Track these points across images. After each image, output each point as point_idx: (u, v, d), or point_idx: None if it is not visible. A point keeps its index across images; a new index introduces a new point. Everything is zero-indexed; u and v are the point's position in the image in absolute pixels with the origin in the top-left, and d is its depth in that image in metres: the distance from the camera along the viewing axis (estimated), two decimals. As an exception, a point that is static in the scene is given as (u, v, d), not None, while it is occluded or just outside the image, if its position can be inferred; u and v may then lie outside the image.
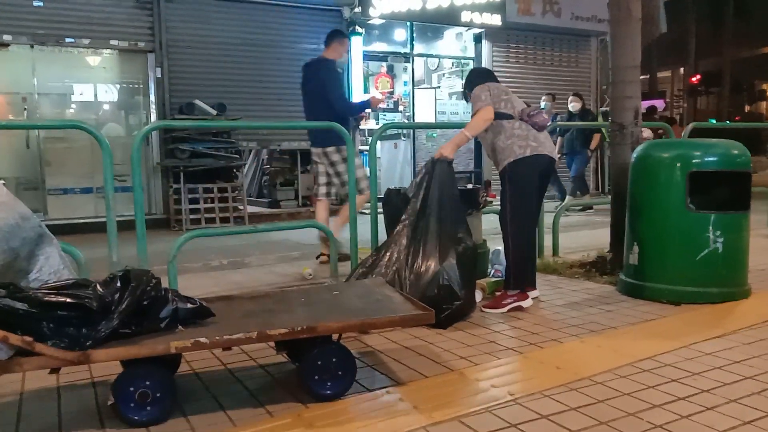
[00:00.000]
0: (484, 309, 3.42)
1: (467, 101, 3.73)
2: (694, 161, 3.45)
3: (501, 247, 3.68)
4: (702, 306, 3.40)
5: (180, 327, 2.17)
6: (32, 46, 7.90)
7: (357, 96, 9.60)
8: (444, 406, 2.15)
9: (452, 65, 11.96)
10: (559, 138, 9.17)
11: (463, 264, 3.21)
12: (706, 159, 3.46)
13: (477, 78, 3.70)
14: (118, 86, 8.72)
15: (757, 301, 3.53)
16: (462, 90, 3.71)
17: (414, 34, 10.79)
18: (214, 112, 8.37)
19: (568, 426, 1.98)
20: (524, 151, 3.38)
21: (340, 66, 5.47)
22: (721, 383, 2.33)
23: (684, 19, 20.93)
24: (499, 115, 3.44)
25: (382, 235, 3.91)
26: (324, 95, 4.98)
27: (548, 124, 3.59)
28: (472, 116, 3.50)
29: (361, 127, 10.23)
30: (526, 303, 3.42)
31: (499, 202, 3.54)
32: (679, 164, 3.46)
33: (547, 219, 5.14)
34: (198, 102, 8.39)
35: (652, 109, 12.55)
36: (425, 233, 3.27)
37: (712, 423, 1.99)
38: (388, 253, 3.33)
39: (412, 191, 3.43)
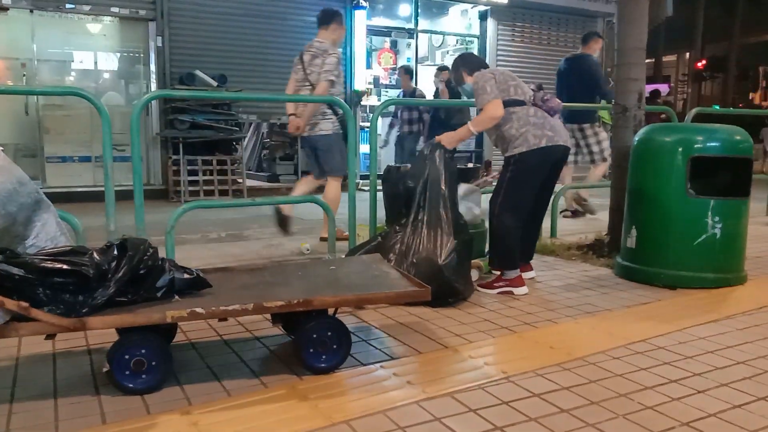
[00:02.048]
0: (478, 288, 3.43)
1: (457, 87, 3.53)
2: (696, 146, 3.43)
3: None
4: (697, 291, 3.41)
5: (176, 297, 2.18)
6: (32, 11, 7.80)
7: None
8: (437, 382, 2.16)
9: (457, 42, 11.84)
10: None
11: (462, 258, 3.17)
12: (708, 144, 3.44)
13: (471, 63, 3.47)
14: (118, 54, 8.64)
15: (753, 287, 3.54)
16: (453, 74, 3.62)
17: (419, 10, 10.68)
18: (215, 84, 8.31)
19: (560, 405, 2.00)
20: (539, 141, 3.23)
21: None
22: (713, 367, 2.34)
23: (693, 2, 20.68)
24: (509, 103, 3.27)
25: (381, 213, 3.91)
26: (587, 83, 6.13)
27: (561, 108, 3.47)
28: (477, 109, 3.33)
29: (362, 103, 10.18)
30: (519, 290, 3.36)
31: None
32: (680, 149, 3.44)
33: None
34: (198, 72, 8.32)
35: (655, 93, 12.44)
36: (426, 227, 3.18)
37: (703, 406, 2.01)
38: (391, 242, 3.24)
39: (413, 180, 3.29)
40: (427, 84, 11.19)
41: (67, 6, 7.90)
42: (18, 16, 7.79)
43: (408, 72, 8.56)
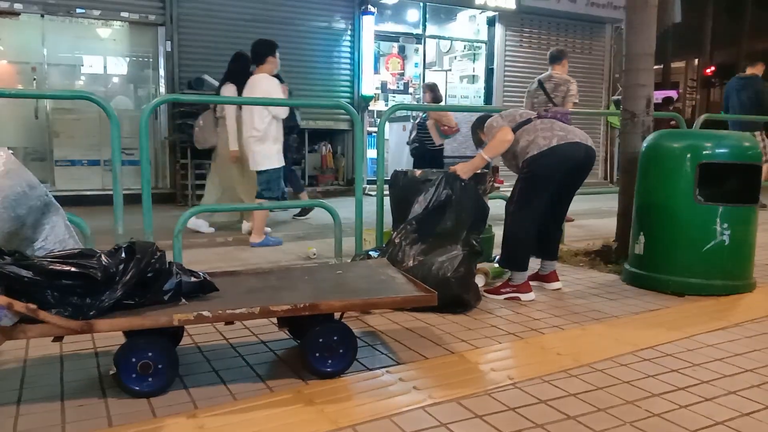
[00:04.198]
0: (484, 293, 3.42)
1: (478, 148, 3.61)
2: (704, 152, 3.41)
3: None
4: (706, 298, 3.39)
5: (183, 300, 2.19)
6: (43, 16, 7.87)
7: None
8: (443, 388, 2.16)
9: (464, 48, 11.86)
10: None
11: (469, 269, 3.16)
12: (716, 150, 3.43)
13: (484, 123, 3.55)
14: (127, 59, 8.69)
15: (762, 294, 3.51)
16: (473, 137, 3.78)
17: (427, 15, 10.69)
18: (223, 88, 8.32)
19: (567, 411, 1.99)
20: (549, 142, 3.22)
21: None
22: (721, 375, 2.32)
23: (701, 9, 20.60)
24: (517, 127, 3.33)
25: (388, 217, 3.91)
26: (755, 99, 7.42)
27: (570, 112, 3.49)
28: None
29: (370, 108, 10.20)
30: (526, 296, 3.35)
31: (504, 186, 3.49)
32: (689, 155, 3.43)
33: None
34: (207, 77, 8.35)
35: (668, 100, 12.40)
36: (438, 238, 3.17)
37: (710, 414, 1.99)
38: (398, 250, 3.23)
39: (428, 201, 3.29)
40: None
41: (78, 11, 7.97)
42: (29, 20, 7.86)
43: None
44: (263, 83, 4.95)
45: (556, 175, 3.28)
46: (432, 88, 7.51)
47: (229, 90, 5.50)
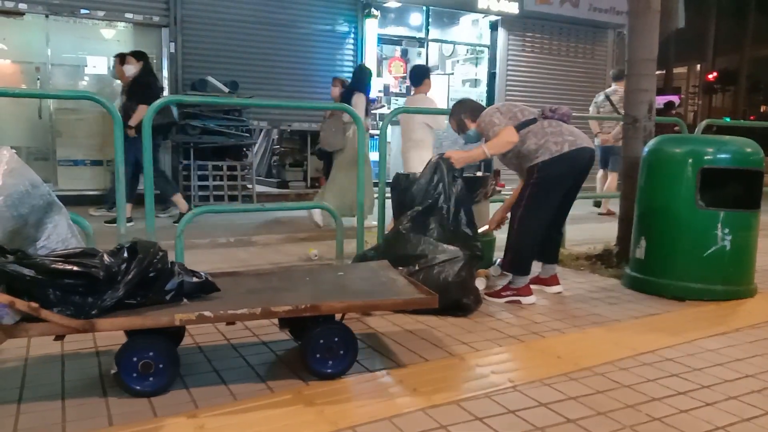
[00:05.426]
0: (485, 296, 3.42)
1: (459, 134, 3.57)
2: (706, 158, 3.42)
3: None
4: (707, 303, 3.39)
5: (185, 300, 2.19)
6: (47, 16, 7.89)
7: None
8: (443, 390, 2.16)
9: (467, 52, 11.87)
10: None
11: (470, 273, 3.15)
12: (718, 156, 3.43)
13: (474, 110, 3.49)
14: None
15: (763, 300, 3.51)
16: (452, 121, 3.60)
17: (430, 19, 10.71)
18: (227, 90, 8.35)
19: (567, 415, 1.99)
20: (561, 148, 3.19)
21: None
22: (721, 380, 2.33)
23: (704, 14, 20.63)
24: (521, 126, 3.26)
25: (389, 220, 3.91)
26: None
27: (572, 114, 3.46)
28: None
29: (372, 111, 10.20)
30: (526, 300, 3.35)
31: (505, 190, 3.47)
32: (690, 160, 3.43)
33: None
34: (210, 79, 8.37)
35: (670, 105, 12.38)
36: (437, 238, 3.15)
37: (710, 419, 1.99)
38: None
39: (422, 190, 3.23)
40: (438, 93, 11.21)
41: (82, 11, 7.98)
42: (33, 20, 7.88)
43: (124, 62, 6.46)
44: (423, 103, 5.65)
45: (568, 180, 3.28)
46: (343, 82, 6.88)
47: (360, 99, 6.08)
